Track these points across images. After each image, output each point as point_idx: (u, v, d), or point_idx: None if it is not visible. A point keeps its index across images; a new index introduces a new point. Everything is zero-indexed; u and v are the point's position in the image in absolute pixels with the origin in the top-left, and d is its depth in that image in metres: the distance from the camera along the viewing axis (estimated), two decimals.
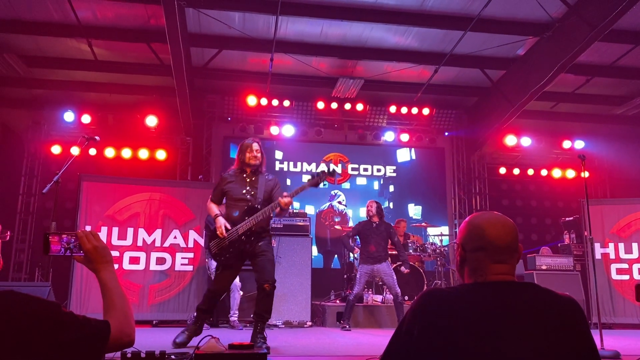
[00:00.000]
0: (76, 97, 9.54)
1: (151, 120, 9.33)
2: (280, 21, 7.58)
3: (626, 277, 7.56)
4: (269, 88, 9.41)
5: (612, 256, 7.68)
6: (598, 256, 7.64)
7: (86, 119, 9.23)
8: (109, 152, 9.51)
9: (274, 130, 9.96)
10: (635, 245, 7.67)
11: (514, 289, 1.48)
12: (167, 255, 7.19)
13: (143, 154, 9.66)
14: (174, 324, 6.95)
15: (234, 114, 9.96)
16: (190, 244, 7.28)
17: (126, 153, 9.59)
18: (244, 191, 4.61)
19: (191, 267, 7.22)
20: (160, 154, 9.72)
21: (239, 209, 4.56)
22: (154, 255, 7.19)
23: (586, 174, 10.48)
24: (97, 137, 5.50)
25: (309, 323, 6.84)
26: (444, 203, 10.86)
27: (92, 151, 9.35)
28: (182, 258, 7.21)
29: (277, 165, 10.33)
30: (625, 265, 7.64)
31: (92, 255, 1.56)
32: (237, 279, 6.52)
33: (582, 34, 7.00)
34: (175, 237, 7.25)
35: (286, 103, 9.72)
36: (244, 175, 4.70)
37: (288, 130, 9.96)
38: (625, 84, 9.22)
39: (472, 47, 8.20)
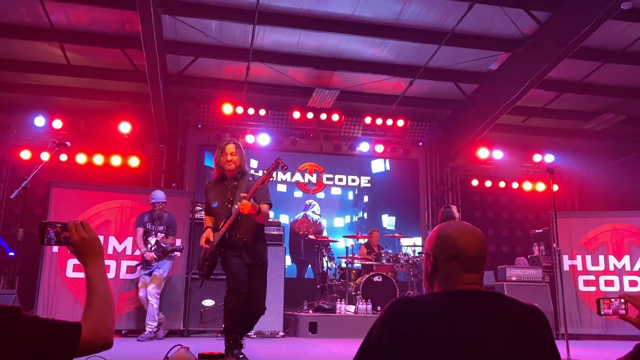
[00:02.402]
0: (47, 102, 9.37)
1: (124, 127, 9.21)
2: (257, 30, 7.61)
3: (593, 288, 7.73)
4: (245, 96, 9.41)
5: (580, 268, 7.85)
6: (566, 268, 7.80)
7: (57, 124, 9.07)
8: (80, 158, 9.35)
9: (249, 138, 9.94)
10: (601, 258, 7.86)
11: (483, 299, 1.51)
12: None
13: (115, 160, 9.52)
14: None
15: (209, 122, 9.91)
16: None
17: (98, 159, 9.44)
18: (225, 201, 4.28)
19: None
20: (133, 161, 9.59)
21: (219, 219, 4.25)
22: (125, 264, 7.07)
23: (555, 187, 10.75)
24: (68, 143, 5.40)
25: (282, 333, 6.80)
26: (417, 214, 10.97)
27: (63, 157, 9.17)
28: None
29: (253, 174, 10.28)
30: (592, 277, 7.82)
31: (79, 246, 1.51)
32: (152, 286, 6.36)
33: (552, 50, 7.20)
34: None
35: (262, 112, 9.72)
36: (225, 182, 4.36)
37: (263, 139, 9.95)
38: (594, 100, 9.48)
39: (446, 61, 8.35)
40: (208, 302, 6.92)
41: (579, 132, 10.71)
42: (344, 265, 8.02)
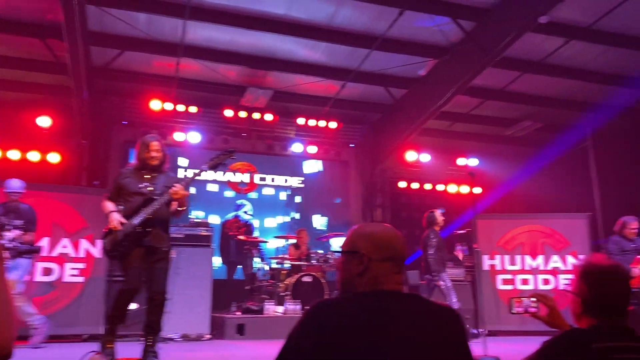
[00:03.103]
0: None
1: (44, 121, 8.70)
2: (189, 26, 7.43)
3: (510, 287, 8.15)
4: (175, 93, 9.16)
5: (499, 267, 8.25)
6: (486, 267, 8.19)
7: None
8: None
9: (178, 136, 9.68)
10: (518, 258, 8.30)
11: (409, 299, 1.54)
12: (54, 266, 6.71)
13: (33, 156, 8.97)
14: (61, 339, 6.48)
15: (136, 118, 9.55)
16: (82, 254, 6.85)
17: (14, 154, 8.87)
18: (141, 185, 4.37)
19: (82, 278, 6.78)
20: (53, 157, 9.08)
21: (134, 203, 4.31)
22: (40, 266, 6.68)
23: (479, 190, 11.24)
24: None
25: (208, 336, 6.67)
26: (348, 214, 11.11)
27: None
28: (71, 268, 6.76)
29: (181, 173, 10.01)
30: (510, 276, 8.25)
31: None
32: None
33: (476, 59, 7.52)
34: (64, 247, 6.78)
35: (192, 109, 9.49)
36: (143, 172, 4.45)
37: (194, 137, 9.73)
38: (514, 108, 9.99)
39: (377, 66, 8.52)
40: (132, 305, 6.66)
41: (501, 138, 11.25)
42: (274, 266, 7.99)
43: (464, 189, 11.65)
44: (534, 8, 6.45)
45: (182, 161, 10.04)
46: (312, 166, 11.04)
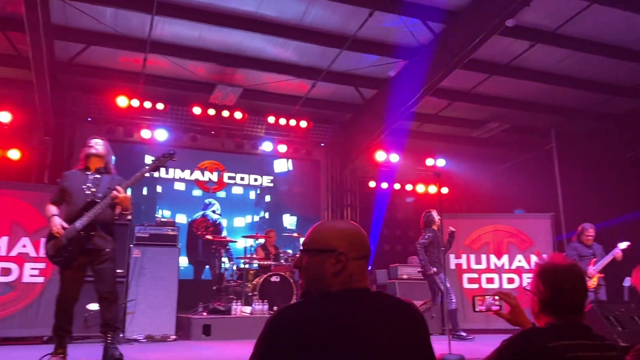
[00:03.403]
0: None
1: (4, 116, 8.42)
2: (156, 21, 7.29)
3: (476, 286, 8.27)
4: (142, 89, 8.98)
5: (465, 266, 8.38)
6: (452, 266, 8.29)
7: None
8: None
9: (145, 133, 9.50)
10: (484, 257, 8.44)
11: (375, 297, 1.54)
12: (13, 266, 6.49)
13: None
14: (20, 341, 6.29)
15: (101, 115, 9.34)
16: (42, 254, 6.62)
17: None
18: (84, 187, 4.33)
19: (42, 278, 6.57)
20: (14, 154, 8.80)
21: (77, 206, 4.28)
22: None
23: (446, 190, 11.38)
24: None
25: (173, 336, 6.57)
26: (318, 214, 11.11)
27: None
28: (31, 269, 6.55)
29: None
30: (475, 275, 8.38)
31: None
32: None
33: (445, 61, 7.59)
34: (24, 246, 6.57)
35: (160, 106, 9.31)
36: (87, 173, 4.45)
37: (161, 135, 9.56)
38: (481, 110, 10.14)
39: (348, 66, 8.53)
40: (93, 306, 6.51)
41: (468, 139, 11.42)
42: (242, 265, 7.92)
43: (432, 189, 11.79)
44: (501, 11, 6.55)
45: (149, 159, 9.86)
46: (282, 165, 11.00)
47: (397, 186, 11.75)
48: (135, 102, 9.02)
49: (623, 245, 6.97)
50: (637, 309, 4.02)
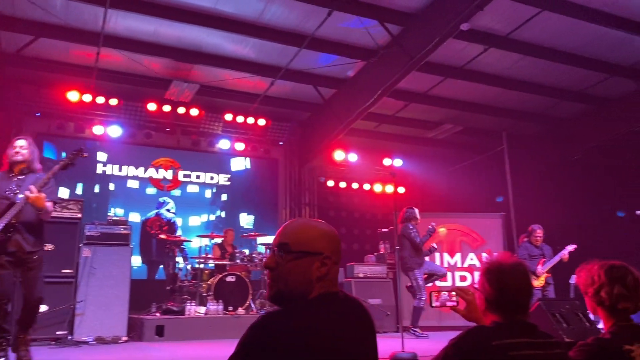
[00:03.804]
0: None
1: None
2: (110, 14, 7.09)
3: (430, 284, 8.40)
4: (94, 84, 8.72)
5: None
6: None
7: None
8: None
9: (97, 129, 9.23)
10: (437, 255, 8.60)
11: (345, 299, 1.54)
12: None
13: None
14: None
15: (51, 109, 8.99)
16: None
17: None
18: (7, 190, 4.30)
19: None
20: None
21: (1, 207, 4.23)
22: None
23: (402, 189, 11.53)
24: None
25: (125, 338, 6.40)
26: (276, 213, 11.06)
27: None
28: None
29: (100, 168, 9.58)
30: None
31: None
32: None
33: (402, 62, 7.69)
34: None
35: (113, 101, 9.07)
36: (11, 175, 4.42)
37: (114, 131, 9.31)
38: (436, 111, 10.33)
39: (307, 64, 8.53)
40: (41, 308, 6.27)
41: (424, 140, 11.62)
42: (197, 265, 7.80)
43: (389, 189, 11.93)
44: (456, 15, 6.69)
45: (101, 156, 9.60)
46: (240, 163, 10.89)
47: (355, 185, 11.84)
48: (87, 97, 8.76)
49: (570, 247, 7.33)
50: (581, 306, 4.18)
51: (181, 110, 9.58)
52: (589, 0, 6.95)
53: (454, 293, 2.25)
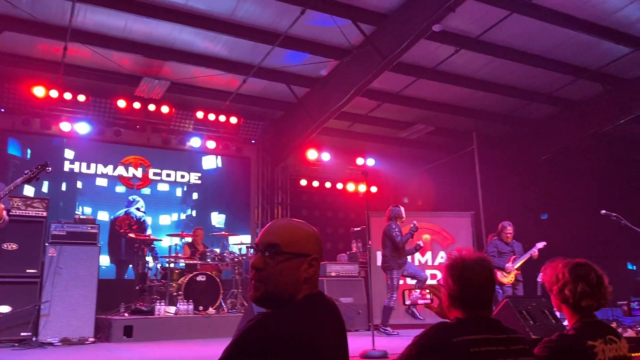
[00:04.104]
0: None
1: None
2: (78, 9, 6.94)
3: (401, 282, 8.46)
4: (62, 79, 8.52)
5: None
6: (379, 263, 8.44)
7: None
8: None
9: (64, 126, 9.01)
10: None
11: (327, 301, 1.54)
12: None
13: None
14: None
15: (16, 105, 8.76)
16: None
17: None
18: None
19: None
20: None
21: None
22: None
23: (375, 189, 11.59)
24: None
25: (92, 339, 6.25)
26: (248, 212, 10.99)
27: None
28: None
29: (67, 166, 9.35)
30: None
31: None
32: None
33: (375, 62, 7.73)
34: None
35: (81, 98, 8.89)
36: None
37: (82, 128, 9.11)
38: (409, 112, 10.43)
39: (280, 63, 8.50)
40: (4, 309, 6.10)
41: (396, 140, 11.71)
42: (167, 265, 7.68)
43: (362, 188, 11.98)
44: (428, 16, 6.75)
45: (69, 153, 9.37)
46: (211, 162, 10.78)
47: (328, 184, 11.85)
48: (54, 93, 8.56)
49: (540, 244, 7.38)
50: (547, 303, 4.26)
51: (152, 107, 9.44)
52: (557, 4, 7.11)
53: (427, 290, 2.26)
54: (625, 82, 9.15)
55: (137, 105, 9.30)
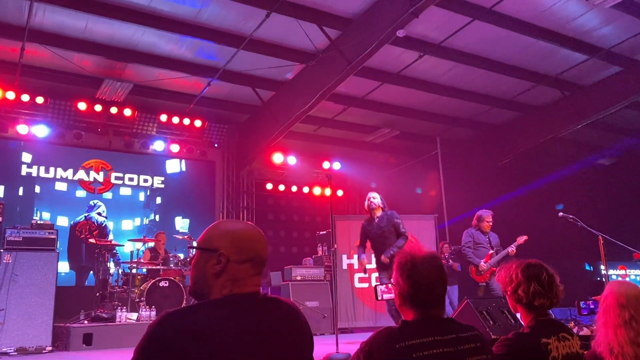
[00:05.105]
0: None
1: None
2: (36, 8, 6.76)
3: (366, 285, 8.53)
4: (19, 81, 8.26)
5: (356, 266, 8.59)
6: (345, 267, 8.49)
7: None
8: None
9: (22, 129, 8.74)
10: (373, 256, 8.70)
11: (263, 302, 1.50)
12: None
13: None
14: None
15: None
16: None
17: None
18: None
19: None
20: None
21: None
22: None
23: (341, 192, 11.63)
24: None
25: (49, 348, 6.06)
26: (213, 216, 10.86)
27: None
28: None
29: (25, 170, 9.06)
30: (365, 275, 8.62)
31: None
32: None
33: (340, 66, 7.77)
34: None
35: (39, 100, 8.64)
36: None
37: (40, 131, 8.85)
38: (374, 116, 10.52)
39: (245, 66, 8.45)
40: None
41: (362, 144, 11.80)
42: (129, 270, 7.52)
43: (328, 191, 12.01)
44: (392, 21, 6.83)
45: (26, 157, 9.09)
46: (175, 166, 10.62)
47: (294, 188, 11.84)
48: (10, 95, 8.31)
49: (521, 239, 6.77)
50: (507, 303, 4.36)
51: (114, 110, 9.25)
52: (518, 12, 7.31)
53: (390, 286, 2.25)
54: (582, 88, 9.47)
55: (98, 107, 9.10)
